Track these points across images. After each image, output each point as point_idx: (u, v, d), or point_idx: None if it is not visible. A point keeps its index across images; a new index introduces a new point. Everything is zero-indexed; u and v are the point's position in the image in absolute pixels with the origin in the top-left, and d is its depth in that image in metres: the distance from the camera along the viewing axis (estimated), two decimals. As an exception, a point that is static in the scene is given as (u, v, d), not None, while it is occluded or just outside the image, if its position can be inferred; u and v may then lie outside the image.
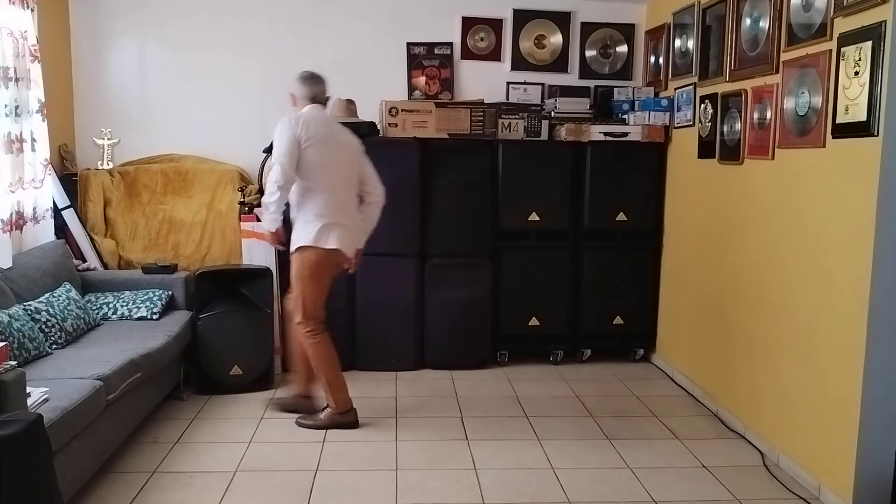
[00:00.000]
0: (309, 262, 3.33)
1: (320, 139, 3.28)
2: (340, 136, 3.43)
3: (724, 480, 3.00)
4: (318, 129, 3.29)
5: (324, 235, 3.30)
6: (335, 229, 3.31)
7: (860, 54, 2.61)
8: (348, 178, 3.41)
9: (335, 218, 3.32)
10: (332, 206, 3.32)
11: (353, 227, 3.41)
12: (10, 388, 2.20)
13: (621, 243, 4.52)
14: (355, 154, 3.46)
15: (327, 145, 3.31)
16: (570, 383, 4.21)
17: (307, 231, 3.30)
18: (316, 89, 3.38)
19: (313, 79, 3.41)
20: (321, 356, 3.40)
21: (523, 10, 4.80)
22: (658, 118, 4.43)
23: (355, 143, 3.48)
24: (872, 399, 2.64)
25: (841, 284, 2.78)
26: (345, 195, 3.39)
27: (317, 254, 3.31)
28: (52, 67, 4.14)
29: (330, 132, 3.36)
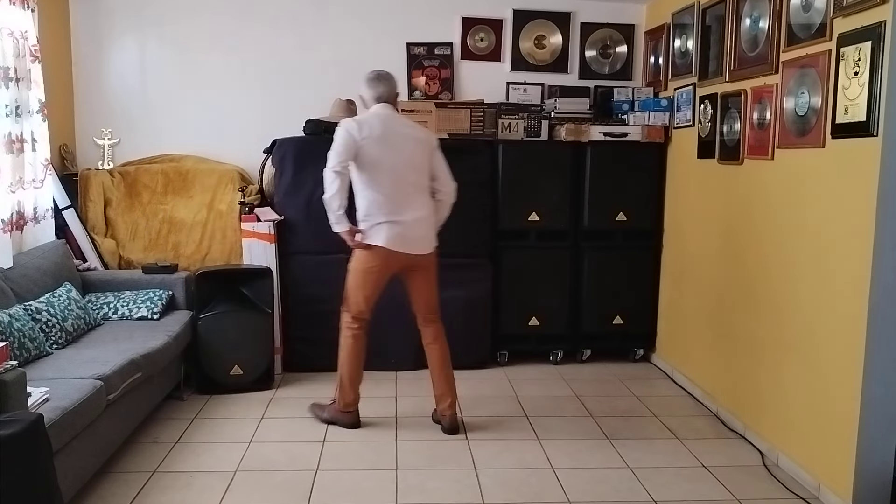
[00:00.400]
0: (357, 256, 3.38)
1: (375, 138, 3.24)
2: (402, 134, 3.32)
3: (723, 480, 3.00)
4: (374, 129, 3.25)
5: (371, 233, 3.30)
6: (384, 228, 3.28)
7: (860, 54, 2.61)
8: (408, 176, 3.31)
9: (387, 217, 3.27)
10: (383, 205, 3.27)
11: (411, 226, 3.30)
12: (10, 387, 2.20)
13: (621, 243, 4.53)
14: (420, 151, 3.35)
15: (383, 144, 3.25)
16: (570, 383, 4.22)
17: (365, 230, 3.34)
18: (381, 89, 3.35)
19: (378, 79, 3.37)
20: (347, 351, 3.44)
21: (523, 10, 4.80)
22: (658, 118, 4.44)
23: (422, 140, 3.37)
24: (872, 399, 2.64)
25: (841, 284, 2.78)
26: (402, 194, 3.30)
27: (363, 253, 3.34)
28: (52, 67, 4.14)
29: (389, 130, 3.28)
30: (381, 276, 3.38)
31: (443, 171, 3.43)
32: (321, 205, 4.23)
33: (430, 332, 3.48)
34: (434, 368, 3.48)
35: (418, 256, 3.35)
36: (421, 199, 3.35)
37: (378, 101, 3.35)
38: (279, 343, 4.20)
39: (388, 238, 3.27)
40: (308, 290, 4.26)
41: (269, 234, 4.15)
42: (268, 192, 4.44)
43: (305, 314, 4.27)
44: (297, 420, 3.58)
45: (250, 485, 2.89)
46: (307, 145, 4.24)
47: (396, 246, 3.29)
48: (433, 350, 3.47)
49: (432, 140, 3.43)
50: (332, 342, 4.32)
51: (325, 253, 4.29)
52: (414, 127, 3.43)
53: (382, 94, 3.35)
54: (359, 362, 3.46)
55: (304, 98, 4.58)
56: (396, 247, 3.29)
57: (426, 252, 3.37)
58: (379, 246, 3.28)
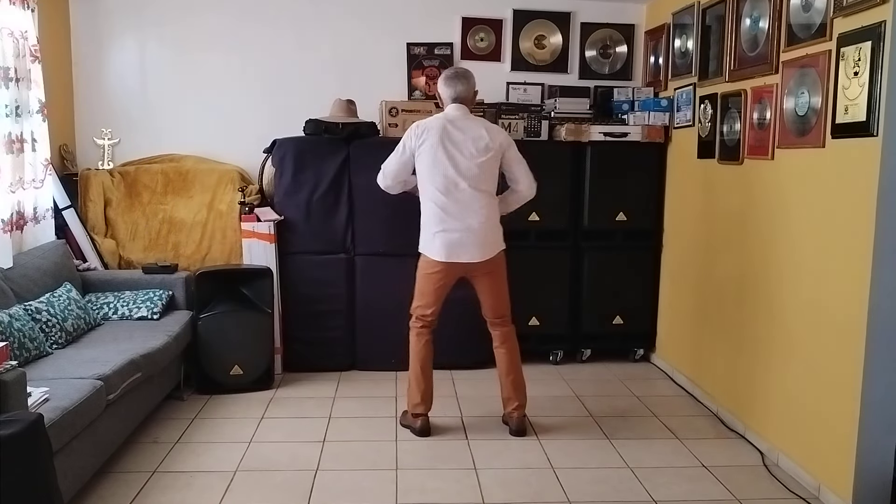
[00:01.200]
0: (420, 261, 3.40)
1: (433, 145, 3.22)
2: (466, 137, 3.25)
3: (723, 480, 3.00)
4: (432, 134, 3.23)
5: (428, 245, 3.32)
6: (438, 238, 3.27)
7: (860, 54, 2.61)
8: (466, 182, 3.23)
9: (441, 226, 3.26)
10: (438, 214, 3.26)
11: (466, 234, 3.25)
12: (10, 387, 2.20)
13: (621, 243, 4.53)
14: (484, 154, 3.25)
15: (440, 150, 3.21)
16: (570, 383, 4.22)
17: (421, 237, 3.37)
18: (456, 89, 3.30)
19: (455, 77, 3.32)
20: (411, 348, 3.45)
21: (523, 10, 4.80)
22: (658, 118, 4.44)
23: (487, 143, 3.26)
24: (872, 399, 2.64)
25: (841, 284, 2.78)
26: (458, 201, 3.24)
27: (423, 260, 3.37)
28: (52, 67, 4.14)
29: (450, 136, 3.23)
30: (441, 283, 3.36)
31: (517, 170, 3.36)
32: (321, 205, 4.28)
33: (498, 336, 3.46)
34: (501, 372, 3.46)
35: (478, 264, 3.31)
36: (480, 204, 3.26)
37: (454, 100, 3.31)
38: (279, 343, 4.20)
39: (441, 249, 3.27)
40: (308, 290, 4.27)
41: (269, 234, 4.15)
42: (268, 192, 4.44)
43: (305, 314, 4.28)
44: (297, 420, 3.58)
45: (250, 485, 2.89)
46: (307, 145, 4.25)
47: (451, 257, 3.27)
48: (500, 353, 3.46)
49: (501, 140, 3.31)
50: (332, 342, 4.35)
51: (325, 253, 4.31)
52: (482, 128, 3.29)
53: (460, 93, 3.31)
54: (421, 360, 3.41)
55: (304, 98, 4.58)
56: (451, 258, 3.27)
57: (484, 259, 3.31)
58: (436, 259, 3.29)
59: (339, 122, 4.25)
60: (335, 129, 4.23)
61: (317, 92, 4.57)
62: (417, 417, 3.41)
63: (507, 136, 3.38)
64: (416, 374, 3.42)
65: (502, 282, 3.43)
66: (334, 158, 4.24)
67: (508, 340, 3.45)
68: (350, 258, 4.32)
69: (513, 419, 3.44)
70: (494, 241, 3.36)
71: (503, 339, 3.44)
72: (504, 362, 3.45)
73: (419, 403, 3.41)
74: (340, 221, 4.29)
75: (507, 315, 3.47)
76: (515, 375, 3.44)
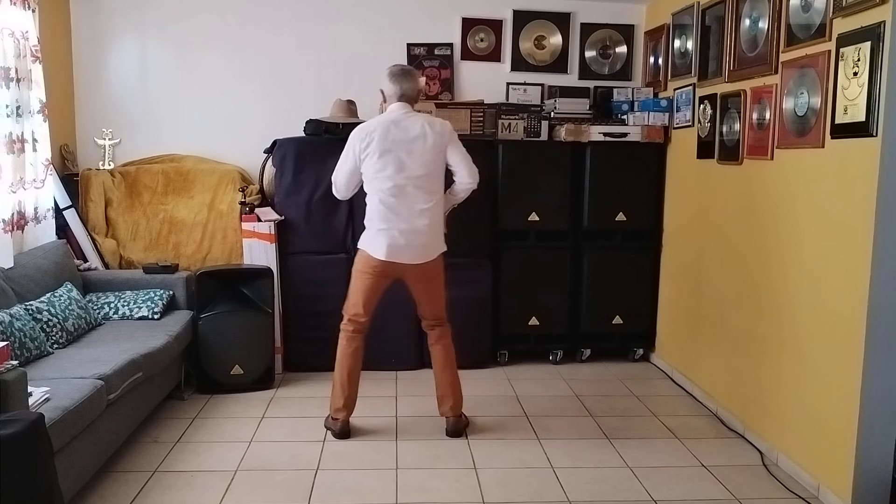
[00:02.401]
0: (357, 259, 3.37)
1: (377, 148, 3.19)
2: (410, 137, 3.22)
3: (723, 480, 3.01)
4: (376, 137, 3.19)
5: (369, 242, 3.29)
6: (379, 237, 3.24)
7: (859, 55, 2.61)
8: (411, 182, 3.21)
9: (384, 225, 3.23)
10: (381, 213, 3.23)
11: (408, 235, 3.22)
12: (11, 387, 2.20)
13: (621, 243, 4.53)
14: (429, 152, 3.23)
15: (386, 152, 3.19)
16: (570, 383, 4.22)
17: (363, 234, 3.35)
18: (402, 86, 3.25)
19: (399, 75, 3.28)
20: (339, 352, 3.41)
21: (523, 10, 4.81)
22: (657, 118, 4.44)
23: (431, 140, 3.23)
24: (871, 398, 2.64)
25: (840, 284, 2.78)
26: (403, 201, 3.22)
27: (361, 256, 3.33)
28: (53, 68, 4.15)
29: (394, 136, 3.20)
30: (378, 282, 3.32)
31: (456, 159, 3.31)
32: (321, 205, 4.28)
33: (433, 335, 3.45)
34: (436, 370, 3.46)
35: (417, 266, 3.27)
36: (426, 206, 3.24)
37: (399, 98, 3.27)
38: (279, 343, 4.20)
39: (382, 248, 3.23)
40: (308, 290, 4.27)
41: (270, 234, 4.16)
42: (268, 193, 4.45)
43: (305, 314, 4.28)
44: (298, 420, 3.58)
45: (251, 484, 2.90)
46: (307, 145, 4.25)
47: (391, 256, 3.23)
48: (435, 351, 3.45)
49: (445, 133, 3.28)
50: (333, 342, 4.34)
51: (326, 253, 4.31)
52: (424, 124, 3.25)
53: (406, 91, 3.27)
54: (348, 366, 3.36)
55: (305, 98, 4.59)
56: (391, 257, 3.23)
57: (425, 261, 3.28)
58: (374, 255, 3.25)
59: (340, 123, 4.25)
60: (335, 129, 4.24)
61: (317, 92, 4.58)
62: (337, 421, 3.37)
63: (449, 128, 3.33)
64: (341, 379, 3.36)
65: (440, 284, 3.39)
66: (334, 159, 4.19)
67: (444, 338, 3.43)
68: (350, 258, 4.29)
69: (449, 420, 3.42)
70: (436, 244, 3.31)
71: (438, 336, 3.43)
72: (440, 360, 3.43)
73: (340, 409, 3.37)
74: (340, 221, 4.30)
75: (444, 315, 3.44)
76: (449, 374, 3.43)
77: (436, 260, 3.33)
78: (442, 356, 3.43)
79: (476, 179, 3.35)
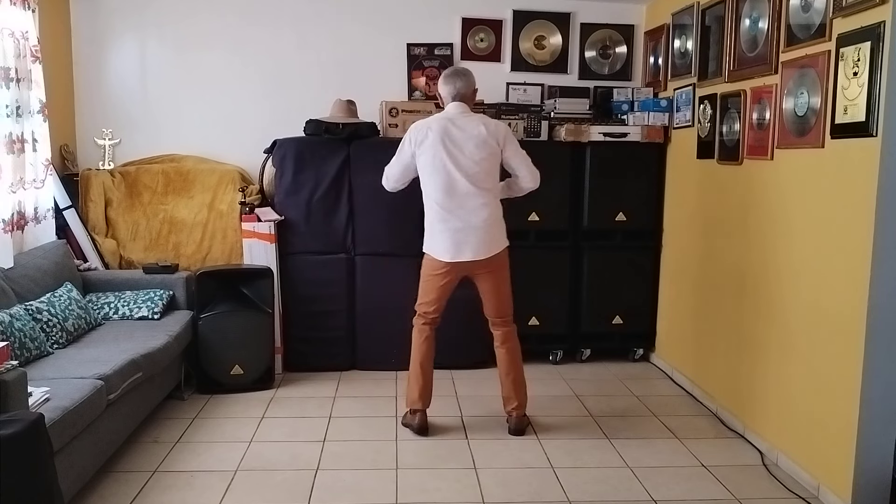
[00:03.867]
0: (424, 261, 3.43)
1: (431, 145, 3.23)
2: (464, 136, 3.24)
3: (723, 480, 3.01)
4: (431, 135, 3.24)
5: (431, 244, 3.35)
6: (439, 237, 3.29)
7: (859, 55, 2.62)
8: (466, 180, 3.23)
9: (442, 224, 3.28)
10: (438, 213, 3.28)
11: (466, 233, 3.25)
12: (11, 387, 2.20)
13: (621, 243, 4.53)
14: (483, 151, 3.25)
15: (440, 150, 3.22)
16: (570, 383, 4.22)
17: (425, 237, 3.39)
18: (455, 86, 3.30)
19: (452, 76, 3.34)
20: (412, 344, 3.47)
21: (523, 10, 4.81)
22: (657, 119, 4.44)
23: (486, 139, 3.25)
24: (872, 398, 2.64)
25: (840, 284, 2.78)
26: (458, 200, 3.24)
27: (427, 259, 3.39)
28: (53, 68, 4.15)
29: (449, 134, 3.23)
30: (445, 281, 3.36)
31: (517, 164, 3.34)
32: (321, 205, 4.28)
33: (498, 336, 3.46)
34: (502, 372, 3.46)
35: (481, 261, 3.30)
36: (482, 202, 3.26)
37: (454, 98, 3.32)
38: (279, 343, 4.20)
39: (444, 249, 3.29)
40: (308, 290, 4.27)
41: (270, 235, 4.16)
42: (268, 193, 4.45)
43: (305, 314, 4.28)
44: (298, 420, 3.58)
45: (251, 484, 2.90)
46: (307, 146, 4.25)
47: (454, 256, 3.28)
48: (501, 353, 3.45)
49: (500, 134, 3.30)
50: (333, 342, 4.35)
51: (326, 253, 4.31)
52: (481, 125, 3.28)
53: (459, 90, 3.31)
54: (421, 357, 3.42)
55: (305, 98, 4.59)
56: (454, 257, 3.28)
57: (488, 256, 3.30)
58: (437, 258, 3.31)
59: (340, 123, 4.26)
60: (335, 129, 4.24)
61: (317, 92, 4.58)
62: (415, 414, 3.41)
63: (507, 130, 3.37)
64: (414, 370, 3.43)
65: (505, 280, 3.43)
66: (335, 159, 4.24)
67: (510, 340, 3.44)
68: (350, 258, 4.32)
69: (512, 418, 3.45)
70: (497, 239, 3.35)
71: (504, 338, 3.44)
72: (505, 362, 3.45)
73: (417, 399, 3.41)
74: (340, 221, 4.30)
75: (510, 315, 3.47)
76: (516, 375, 3.44)
77: (500, 255, 3.35)
78: (507, 359, 3.44)
79: (537, 183, 3.42)
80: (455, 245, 3.27)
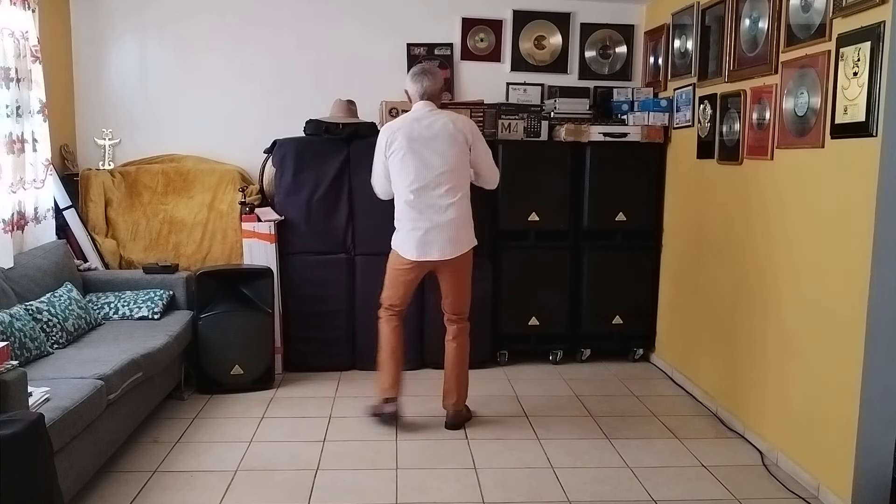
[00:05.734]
0: (390, 255, 3.46)
1: (402, 146, 3.26)
2: (432, 135, 3.25)
3: (723, 480, 3.01)
4: (401, 137, 3.26)
5: (399, 242, 3.38)
6: (406, 236, 3.33)
7: (859, 55, 2.62)
8: (434, 179, 3.25)
9: (410, 223, 3.31)
10: (407, 211, 3.31)
11: (432, 232, 3.27)
12: (11, 387, 2.21)
13: (621, 243, 4.53)
14: (452, 149, 3.25)
15: (409, 151, 3.25)
16: (570, 383, 4.22)
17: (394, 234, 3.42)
18: (423, 85, 3.33)
19: (420, 74, 3.36)
20: (380, 334, 3.50)
21: (523, 10, 4.81)
22: (657, 119, 4.44)
23: (454, 136, 3.25)
24: (871, 398, 2.64)
25: (840, 284, 2.78)
26: (427, 198, 3.26)
27: (394, 255, 3.43)
28: (53, 68, 4.15)
29: (418, 134, 3.26)
30: (410, 277, 3.41)
31: (482, 164, 3.36)
32: (321, 205, 4.29)
33: (451, 331, 3.50)
34: (447, 366, 3.50)
35: (446, 261, 3.32)
36: (450, 201, 3.27)
37: (421, 97, 3.34)
38: (279, 343, 4.20)
39: (411, 248, 3.31)
40: (308, 290, 4.27)
41: (270, 235, 4.16)
42: (268, 193, 4.45)
43: (305, 314, 4.28)
44: (298, 420, 3.58)
45: (251, 484, 2.90)
46: (307, 146, 4.25)
47: (420, 255, 3.31)
48: (450, 348, 3.49)
49: (468, 130, 3.31)
50: (333, 342, 4.35)
51: (326, 253, 4.31)
52: (448, 122, 3.28)
53: (427, 89, 3.33)
54: (390, 345, 3.45)
55: (305, 98, 4.59)
56: (420, 256, 3.31)
57: (454, 256, 3.32)
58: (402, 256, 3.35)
59: (340, 123, 4.26)
60: (335, 129, 4.24)
61: (317, 92, 4.58)
62: (388, 402, 3.43)
63: (474, 126, 3.39)
64: (384, 358, 3.46)
65: (466, 278, 3.44)
66: (334, 159, 4.24)
67: (461, 336, 3.48)
68: (350, 258, 4.32)
69: (449, 413, 3.49)
70: (465, 239, 3.35)
71: (456, 334, 3.47)
72: (452, 357, 3.48)
73: (389, 388, 3.44)
74: (340, 221, 4.30)
75: (465, 312, 3.49)
76: (460, 372, 3.48)
77: (465, 255, 3.37)
78: (454, 355, 3.48)
79: (495, 185, 3.47)
80: (422, 245, 3.30)
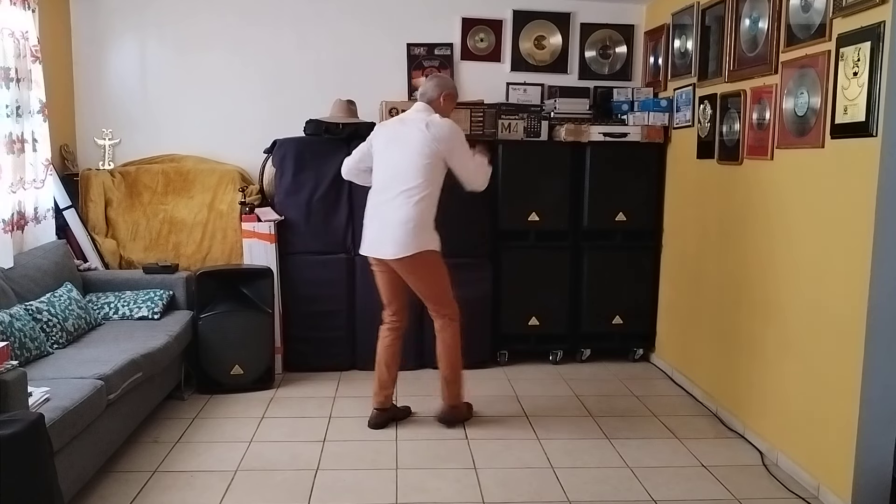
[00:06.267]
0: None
1: (382, 141, 3.38)
2: (406, 134, 3.28)
3: (723, 480, 3.01)
4: (381, 132, 3.42)
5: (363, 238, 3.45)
6: (365, 231, 3.41)
7: (859, 55, 2.62)
8: (397, 177, 3.24)
9: (367, 220, 3.39)
10: (368, 208, 3.39)
11: (378, 230, 3.30)
12: (11, 387, 2.21)
13: (621, 243, 4.53)
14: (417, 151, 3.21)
15: (384, 147, 3.35)
16: (570, 383, 4.22)
17: None
18: (424, 87, 3.43)
19: (429, 77, 3.52)
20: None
21: (523, 10, 4.81)
22: (657, 119, 4.44)
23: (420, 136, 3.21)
24: (871, 398, 2.64)
25: (840, 284, 2.78)
26: (385, 197, 3.27)
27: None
28: (53, 68, 4.15)
29: (396, 132, 3.35)
30: (382, 277, 3.42)
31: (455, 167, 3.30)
32: (321, 205, 4.29)
33: (435, 326, 3.51)
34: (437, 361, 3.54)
35: (396, 261, 3.26)
36: (402, 202, 3.20)
37: (420, 98, 3.42)
38: (279, 343, 4.20)
39: (364, 242, 3.40)
40: (308, 290, 4.27)
41: (270, 235, 4.16)
42: (268, 193, 4.45)
43: (305, 314, 4.28)
44: (298, 420, 3.58)
45: (251, 484, 2.90)
46: (307, 146, 4.25)
47: (366, 251, 3.40)
48: (437, 341, 3.51)
49: (441, 135, 3.22)
50: (333, 342, 4.35)
51: (325, 253, 4.31)
52: (423, 125, 3.23)
53: (426, 92, 3.40)
54: (381, 359, 3.49)
55: (304, 98, 4.59)
56: (367, 251, 3.40)
57: (397, 257, 3.23)
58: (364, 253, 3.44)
59: (340, 123, 4.26)
60: (335, 129, 4.24)
61: (317, 92, 4.58)
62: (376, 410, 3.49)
63: (451, 132, 3.26)
64: (377, 367, 3.50)
65: (426, 279, 3.35)
66: (334, 159, 4.22)
67: (444, 331, 3.47)
68: (350, 258, 4.32)
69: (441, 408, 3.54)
70: (415, 241, 3.20)
71: (438, 329, 3.49)
72: (438, 352, 3.51)
73: (374, 394, 3.50)
74: (340, 221, 4.30)
75: (441, 309, 3.44)
76: (444, 367, 3.49)
77: (416, 258, 3.23)
78: (440, 350, 3.50)
79: (475, 188, 3.45)
80: (374, 241, 3.35)
